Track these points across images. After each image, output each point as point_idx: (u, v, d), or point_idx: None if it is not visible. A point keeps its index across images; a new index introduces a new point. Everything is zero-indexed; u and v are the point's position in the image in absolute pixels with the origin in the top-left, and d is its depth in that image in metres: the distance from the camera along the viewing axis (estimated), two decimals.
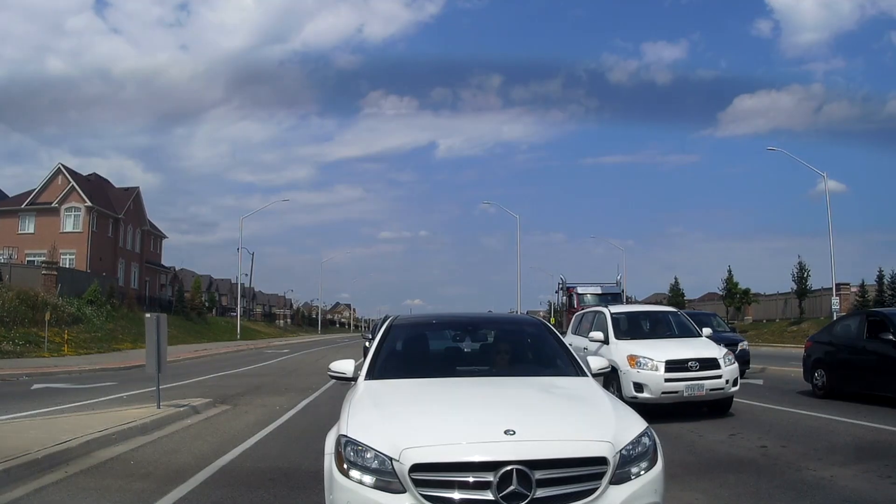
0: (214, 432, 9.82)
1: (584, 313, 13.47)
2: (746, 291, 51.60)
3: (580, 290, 29.48)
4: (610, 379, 10.69)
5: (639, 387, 10.30)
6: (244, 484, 6.65)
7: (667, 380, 10.25)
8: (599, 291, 29.45)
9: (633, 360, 10.46)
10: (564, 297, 31.08)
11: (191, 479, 6.78)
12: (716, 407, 10.64)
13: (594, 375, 5.36)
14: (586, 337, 11.93)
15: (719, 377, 10.31)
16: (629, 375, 10.41)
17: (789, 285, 46.79)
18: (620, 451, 3.87)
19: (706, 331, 11.68)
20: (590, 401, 4.65)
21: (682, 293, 57.99)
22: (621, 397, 9.69)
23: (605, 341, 11.25)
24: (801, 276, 45.20)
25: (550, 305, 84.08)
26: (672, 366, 10.30)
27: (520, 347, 6.04)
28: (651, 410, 9.44)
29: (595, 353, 10.77)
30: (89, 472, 7.14)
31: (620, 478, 3.83)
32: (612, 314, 11.80)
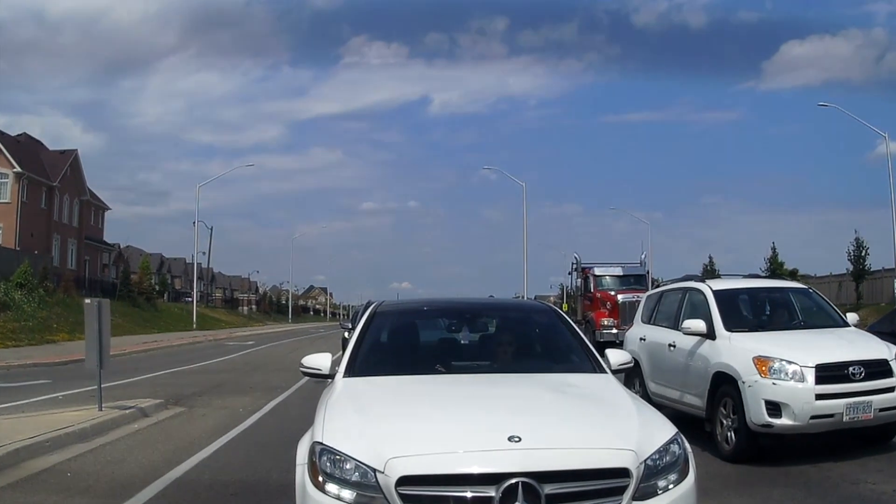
0: (166, 439, 9.84)
1: (663, 292, 11.28)
2: (794, 272, 51.83)
3: (598, 270, 29.41)
4: (632, 376, 10.69)
5: (774, 407, 7.86)
6: (201, 500, 6.65)
7: (819, 395, 7.80)
8: (620, 273, 29.41)
9: (765, 363, 8.04)
10: (579, 280, 30.99)
11: (138, 495, 6.78)
12: (882, 434, 8.40)
13: (614, 372, 5.38)
14: (671, 328, 10.13)
15: (892, 389, 7.95)
16: (759, 389, 7.96)
17: (844, 265, 46.84)
18: (645, 461, 3.88)
19: (851, 317, 9.54)
20: (609, 402, 4.67)
21: (718, 274, 58.24)
22: (740, 423, 8.13)
23: (709, 334, 9.01)
24: (857, 255, 45.22)
25: (563, 289, 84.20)
26: (826, 373, 7.88)
27: (526, 339, 6.07)
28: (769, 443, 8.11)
29: (694, 352, 9.21)
30: (18, 487, 7.13)
31: (645, 492, 3.84)
32: (716, 292, 9.56)
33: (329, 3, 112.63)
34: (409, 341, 5.99)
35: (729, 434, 8.27)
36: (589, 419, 4.31)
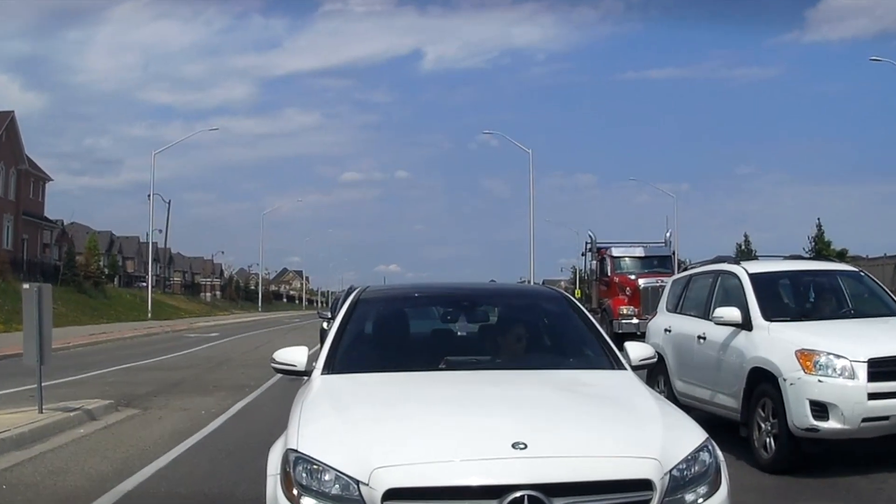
0: (117, 445, 9.84)
1: (691, 276, 11.30)
2: (842, 253, 52.01)
3: (616, 251, 29.43)
4: (655, 373, 10.71)
5: (821, 408, 7.86)
6: None
7: (872, 395, 7.76)
8: (641, 254, 29.44)
9: (809, 358, 8.03)
10: (594, 262, 31.02)
11: None
12: None
13: (634, 368, 5.40)
14: (701, 317, 10.20)
15: None
16: (803, 388, 7.96)
17: None
18: (671, 471, 3.88)
19: None
20: (629, 403, 4.69)
21: (755, 255, 58.35)
22: (781, 427, 8.13)
23: (745, 324, 9.05)
24: None
25: (575, 273, 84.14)
26: (880, 368, 7.82)
27: (533, 330, 6.10)
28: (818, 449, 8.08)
29: (727, 345, 9.25)
30: None
31: None
32: (752, 276, 9.59)
33: None
34: (398, 333, 6.02)
35: (768, 440, 8.29)
36: (605, 423, 4.32)
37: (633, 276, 27.42)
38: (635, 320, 25.63)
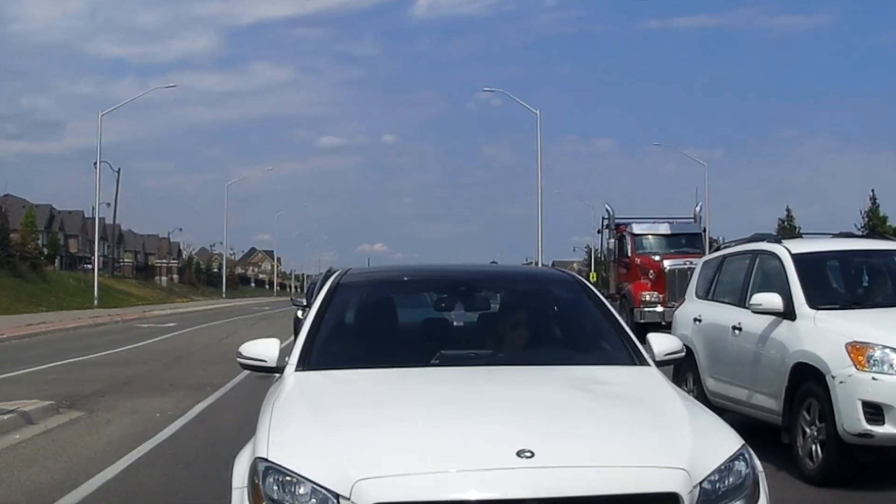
0: (59, 454, 9.83)
1: (724, 257, 11.38)
2: None
3: (637, 228, 29.43)
4: (683, 369, 10.74)
5: (876, 410, 7.82)
6: None
7: None
8: (667, 231, 29.46)
9: (862, 352, 8.04)
10: (612, 240, 31.05)
11: None
12: None
13: (659, 363, 5.41)
14: (736, 305, 10.27)
15: None
16: (854, 387, 7.95)
17: None
18: (701, 483, 3.89)
19: None
20: (652, 404, 4.71)
21: (799, 232, 58.46)
22: (829, 432, 8.12)
23: (787, 313, 9.08)
24: None
25: (590, 253, 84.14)
26: None
27: (541, 320, 6.13)
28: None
29: (767, 337, 9.27)
30: None
31: None
32: (796, 256, 9.56)
33: None
34: (384, 323, 6.04)
35: (813, 447, 8.30)
36: (625, 428, 4.32)
37: (657, 257, 27.45)
38: (660, 308, 25.69)
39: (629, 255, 28.77)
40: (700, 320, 10.91)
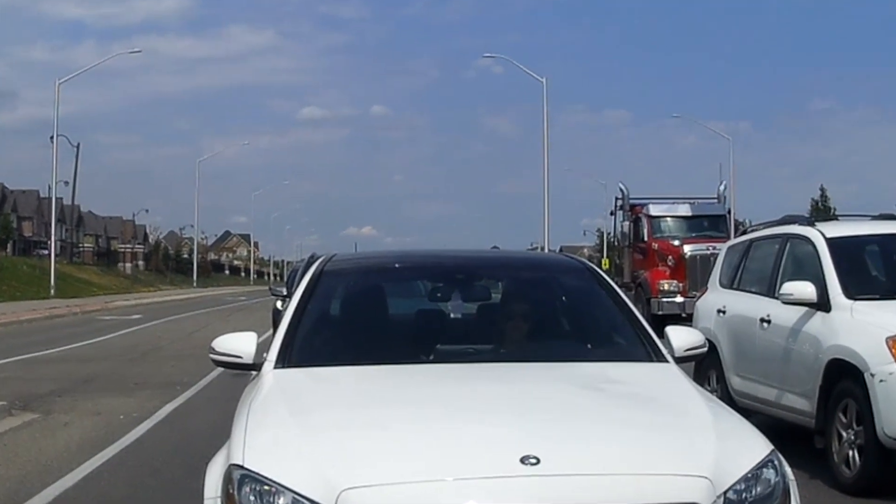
0: (12, 460, 9.83)
1: (752, 242, 11.47)
2: None
3: (655, 209, 29.44)
4: (706, 366, 10.77)
5: None
6: None
7: None
8: (688, 212, 29.48)
9: None
10: (626, 223, 30.98)
11: None
12: None
13: (678, 360, 5.42)
14: (764, 294, 10.31)
15: None
16: (895, 385, 8.11)
17: None
18: (726, 493, 3.88)
19: None
20: (671, 405, 4.72)
21: (834, 214, 58.54)
22: (868, 437, 8.15)
23: (821, 304, 9.12)
24: None
25: (602, 238, 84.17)
26: None
27: (548, 311, 6.17)
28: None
29: (799, 330, 9.29)
30: None
31: None
32: (831, 241, 9.59)
33: None
34: (373, 315, 6.04)
35: (850, 452, 8.31)
36: (641, 431, 4.31)
37: (676, 242, 27.47)
38: (679, 298, 25.73)
39: (645, 239, 28.80)
40: (724, 312, 10.91)
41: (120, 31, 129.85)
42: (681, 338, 5.56)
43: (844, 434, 8.39)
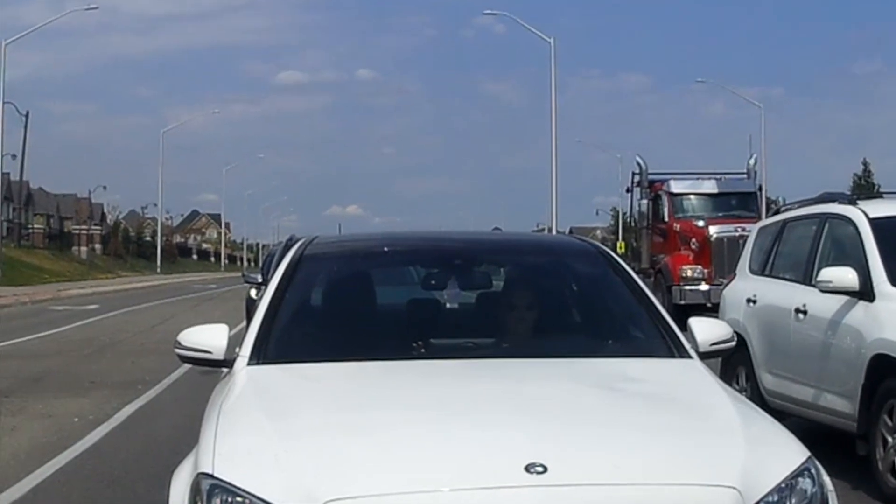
0: None
1: (785, 223, 11.53)
2: None
3: (676, 186, 29.40)
4: (734, 363, 10.78)
5: None
6: None
7: None
8: (714, 189, 29.47)
9: None
10: (644, 201, 31.00)
11: None
12: None
13: (703, 355, 5.44)
14: (800, 282, 10.39)
15: None
16: None
17: None
18: None
19: None
20: (695, 406, 4.74)
21: (878, 191, 58.60)
22: None
23: (864, 292, 9.15)
24: None
25: (617, 217, 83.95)
26: None
27: (556, 301, 6.21)
28: None
29: (838, 322, 9.35)
30: None
31: None
32: (874, 221, 9.63)
33: None
34: (359, 304, 6.06)
35: None
36: (660, 436, 4.31)
37: (701, 223, 27.49)
38: (704, 286, 25.74)
39: (666, 219, 28.82)
40: (755, 301, 10.93)
41: None
42: (706, 330, 5.58)
43: (890, 439, 8.38)
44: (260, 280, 18.71)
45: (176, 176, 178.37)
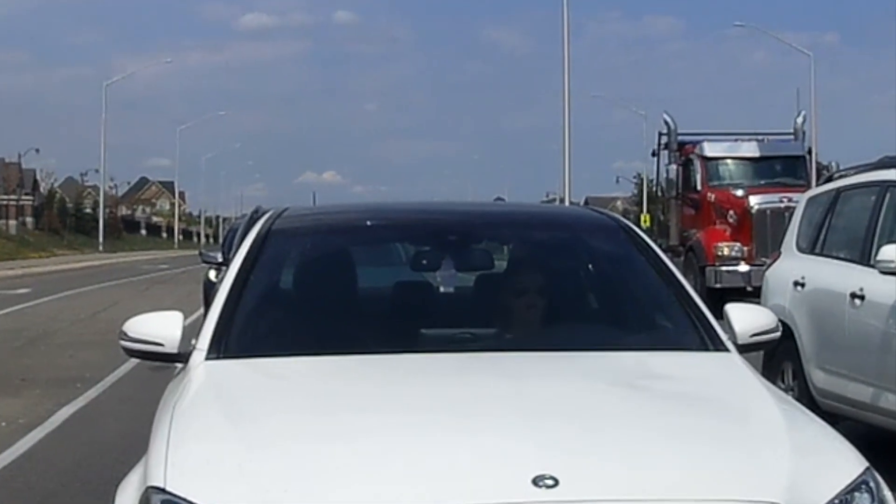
0: None
1: (839, 192, 11.62)
2: None
3: (711, 148, 29.37)
4: (779, 356, 10.80)
5: None
6: None
7: None
8: (755, 153, 29.47)
9: None
10: (672, 166, 31.07)
11: None
12: None
13: (742, 348, 5.45)
14: (856, 261, 10.48)
15: None
16: None
17: None
18: None
19: None
20: (732, 407, 4.76)
21: None
22: None
23: None
24: None
25: (641, 186, 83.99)
26: None
27: (569, 284, 6.25)
28: None
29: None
30: None
31: None
32: None
33: None
34: (338, 288, 6.09)
35: None
36: (692, 444, 4.33)
37: (740, 192, 27.51)
38: (744, 267, 25.78)
39: (699, 188, 28.85)
40: (803, 285, 10.94)
41: None
42: (745, 319, 5.60)
43: None
44: (220, 259, 18.68)
45: (122, 137, 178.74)
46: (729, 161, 29.22)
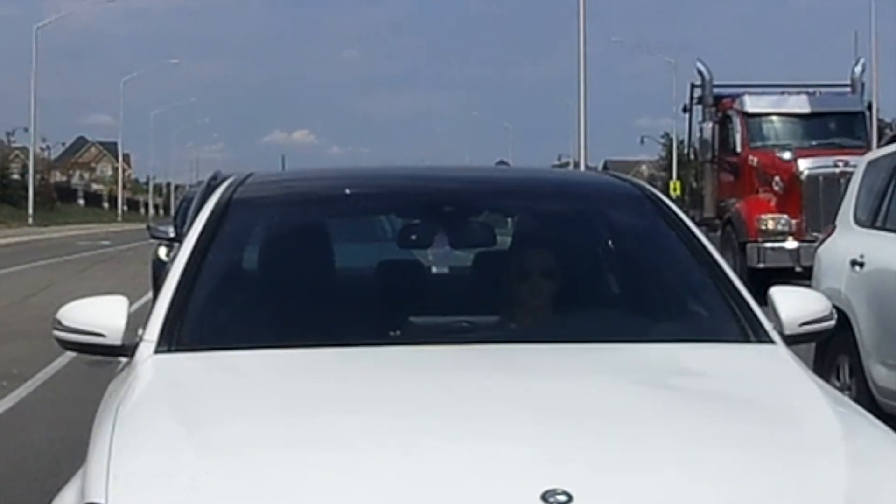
0: None
1: None
2: None
3: (752, 103, 29.40)
4: (834, 349, 10.78)
5: None
6: None
7: None
8: (805, 108, 29.51)
9: None
10: (707, 124, 31.09)
11: None
12: None
13: (790, 339, 5.47)
14: None
15: None
16: None
17: None
18: None
19: None
20: (779, 410, 4.76)
21: None
22: None
23: None
24: None
25: (670, 147, 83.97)
26: None
27: (584, 264, 6.30)
28: None
29: None
30: None
31: None
32: None
33: None
34: (311, 269, 6.10)
35: None
36: (732, 452, 4.31)
37: (787, 155, 27.55)
38: (792, 243, 25.87)
39: (739, 150, 28.94)
40: (862, 264, 10.96)
41: None
42: (794, 305, 5.61)
43: None
44: (172, 235, 18.79)
45: (55, 90, 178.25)
46: (774, 118, 29.31)
